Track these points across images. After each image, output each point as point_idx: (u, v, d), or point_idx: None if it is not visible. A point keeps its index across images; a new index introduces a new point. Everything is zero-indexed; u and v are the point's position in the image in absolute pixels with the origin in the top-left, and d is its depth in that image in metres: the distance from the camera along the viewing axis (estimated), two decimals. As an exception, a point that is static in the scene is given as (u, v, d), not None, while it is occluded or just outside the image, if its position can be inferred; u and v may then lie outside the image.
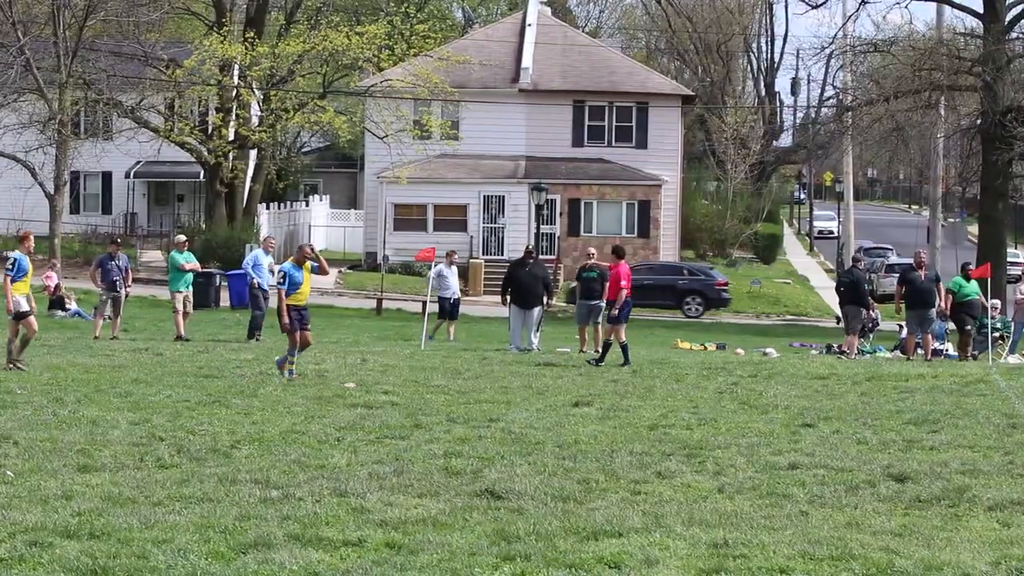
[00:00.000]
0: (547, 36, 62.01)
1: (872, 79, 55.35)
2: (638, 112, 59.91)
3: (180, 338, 28.09)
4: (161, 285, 51.01)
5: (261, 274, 29.32)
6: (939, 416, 17.56)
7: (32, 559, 9.04)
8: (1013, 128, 46.47)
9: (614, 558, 9.26)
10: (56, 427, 14.81)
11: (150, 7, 53.74)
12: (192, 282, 29.48)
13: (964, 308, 30.00)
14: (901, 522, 10.80)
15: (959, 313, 30.03)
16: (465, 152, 58.05)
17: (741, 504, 11.44)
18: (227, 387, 18.97)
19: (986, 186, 50.12)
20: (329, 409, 16.87)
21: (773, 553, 9.53)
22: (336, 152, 74.49)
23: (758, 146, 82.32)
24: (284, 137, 67.46)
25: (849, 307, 29.61)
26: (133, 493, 11.30)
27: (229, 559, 9.14)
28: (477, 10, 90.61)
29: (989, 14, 49.25)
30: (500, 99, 59.03)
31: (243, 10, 59.12)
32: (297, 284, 20.84)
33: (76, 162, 53.02)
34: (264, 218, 57.81)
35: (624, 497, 11.64)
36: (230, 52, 51.65)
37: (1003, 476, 13.06)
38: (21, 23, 48.25)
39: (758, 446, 14.72)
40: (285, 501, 11.06)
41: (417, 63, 54.93)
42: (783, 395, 19.96)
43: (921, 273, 29.14)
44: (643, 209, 58.02)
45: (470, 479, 12.23)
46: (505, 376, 21.50)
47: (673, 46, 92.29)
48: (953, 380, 22.56)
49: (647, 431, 15.82)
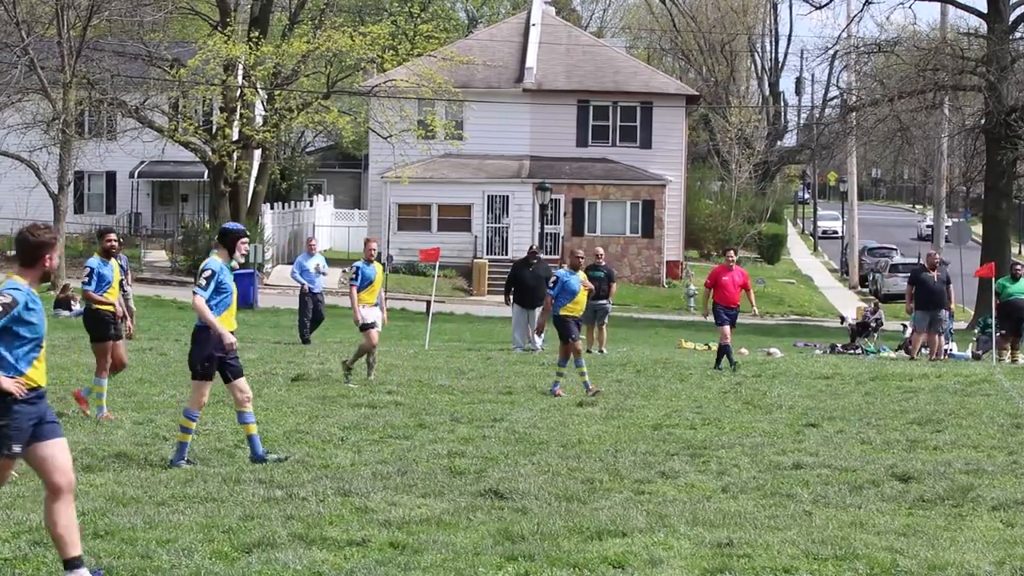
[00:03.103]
0: (551, 36, 61.99)
1: (876, 79, 55.32)
2: (642, 112, 59.88)
3: None
4: (164, 285, 51.16)
5: (310, 278, 29.05)
6: (943, 416, 17.55)
7: (36, 559, 9.04)
8: (1017, 128, 46.48)
9: (618, 558, 9.26)
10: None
11: (154, 7, 53.68)
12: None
13: (1009, 308, 29.58)
14: (905, 522, 10.79)
15: (1008, 313, 29.62)
16: (469, 152, 58.06)
17: (745, 504, 11.43)
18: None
19: (990, 186, 50.11)
20: (333, 409, 16.87)
21: (777, 553, 9.53)
22: (340, 152, 74.46)
23: (762, 146, 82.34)
24: (288, 137, 67.49)
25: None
26: (137, 493, 11.31)
27: (233, 559, 9.14)
28: (481, 10, 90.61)
29: (993, 14, 49.25)
30: (504, 99, 59.02)
31: (247, 10, 59.14)
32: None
33: (80, 162, 52.99)
34: (268, 218, 57.81)
35: (628, 497, 11.64)
36: (234, 52, 51.64)
37: (1007, 476, 13.05)
38: (25, 23, 48.22)
39: (762, 446, 14.72)
40: (289, 501, 11.07)
41: (421, 63, 54.93)
42: (787, 395, 19.96)
43: (933, 274, 29.00)
44: (647, 209, 57.99)
45: (474, 479, 12.23)
46: (509, 376, 21.50)
47: (677, 46, 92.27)
48: (957, 380, 22.55)
49: (651, 431, 15.82)
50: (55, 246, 8.47)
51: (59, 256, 9.49)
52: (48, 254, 8.43)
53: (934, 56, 50.30)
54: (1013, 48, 49.45)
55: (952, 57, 50.15)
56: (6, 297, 8.28)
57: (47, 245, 8.44)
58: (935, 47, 51.75)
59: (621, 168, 58.74)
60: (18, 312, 8.27)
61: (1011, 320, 29.58)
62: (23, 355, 8.35)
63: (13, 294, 8.30)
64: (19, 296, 8.30)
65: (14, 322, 8.29)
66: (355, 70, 57.33)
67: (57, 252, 8.52)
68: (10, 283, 8.42)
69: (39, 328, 8.41)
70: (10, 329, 8.29)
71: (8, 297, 8.28)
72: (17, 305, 8.27)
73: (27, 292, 8.35)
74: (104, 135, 58.64)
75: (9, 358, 8.31)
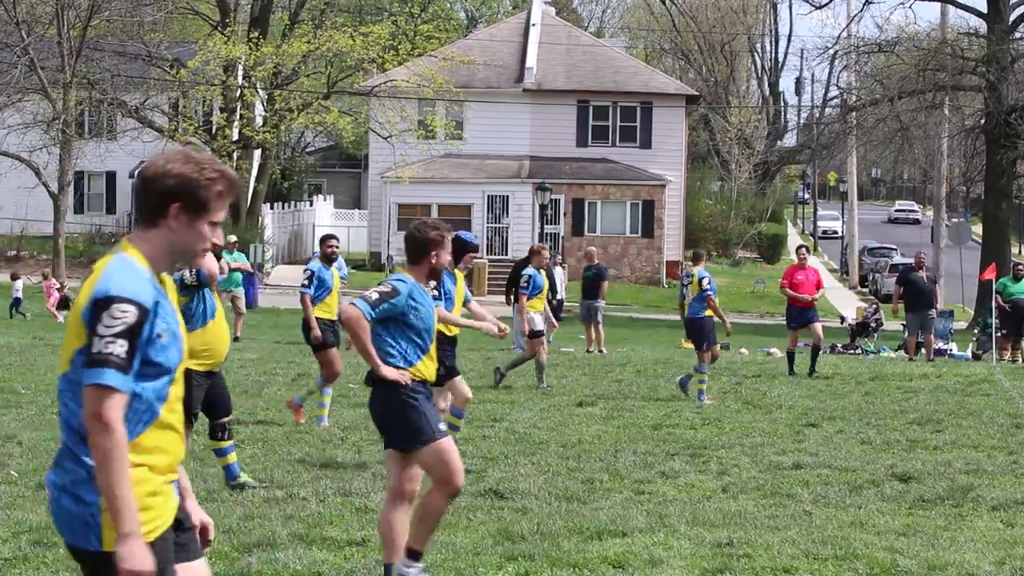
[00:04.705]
0: (551, 36, 62.00)
1: (876, 79, 55.30)
2: (642, 112, 59.90)
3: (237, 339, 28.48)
4: (165, 285, 51.17)
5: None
6: (943, 416, 17.56)
7: (36, 559, 9.04)
8: (1017, 127, 46.49)
9: (618, 558, 9.26)
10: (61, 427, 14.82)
11: (154, 7, 53.74)
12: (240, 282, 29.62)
13: (1012, 308, 29.55)
14: (905, 522, 10.79)
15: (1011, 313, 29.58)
16: (469, 152, 58.07)
17: (745, 504, 11.43)
18: (230, 387, 18.95)
19: (990, 186, 50.10)
20: (333, 409, 16.85)
21: (777, 553, 9.53)
22: (340, 152, 74.49)
23: (762, 146, 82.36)
24: (288, 137, 67.49)
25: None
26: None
27: (233, 559, 9.14)
28: (481, 10, 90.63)
29: (993, 14, 49.25)
30: (504, 99, 59.02)
31: (247, 10, 59.16)
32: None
33: (80, 162, 53.03)
34: (268, 218, 57.84)
35: (628, 497, 11.64)
36: (234, 52, 51.67)
37: (1007, 476, 13.05)
38: (25, 23, 48.26)
39: (762, 446, 14.72)
40: (289, 501, 11.07)
41: (421, 63, 54.95)
42: (787, 395, 19.96)
43: (922, 274, 29.06)
44: (647, 209, 58.00)
45: (474, 479, 12.22)
46: (509, 376, 21.49)
47: (677, 46, 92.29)
48: (957, 380, 22.56)
49: (651, 431, 15.83)
50: (443, 243, 8.45)
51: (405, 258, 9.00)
52: (435, 251, 8.42)
53: (934, 56, 50.29)
54: (1013, 48, 49.44)
55: (952, 57, 50.14)
56: (387, 286, 8.31)
57: (433, 242, 8.44)
58: (935, 47, 51.73)
59: (621, 168, 58.75)
60: (402, 305, 8.27)
61: (1013, 320, 29.59)
62: (414, 348, 8.38)
63: (396, 285, 8.32)
64: (402, 288, 8.31)
65: (400, 314, 8.30)
66: (355, 70, 57.36)
67: (446, 250, 8.50)
68: (396, 275, 8.48)
69: (426, 323, 8.41)
70: (396, 320, 8.30)
71: (388, 287, 8.31)
72: (398, 295, 8.26)
73: (412, 285, 8.35)
74: (104, 135, 58.66)
75: (395, 349, 8.34)
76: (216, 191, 4.70)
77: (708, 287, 19.60)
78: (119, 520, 4.45)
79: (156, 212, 4.68)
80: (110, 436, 4.46)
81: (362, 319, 8.21)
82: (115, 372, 4.48)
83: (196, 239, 4.71)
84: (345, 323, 8.28)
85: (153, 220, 4.70)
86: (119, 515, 4.45)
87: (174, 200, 4.65)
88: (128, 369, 4.52)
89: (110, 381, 4.47)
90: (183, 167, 4.67)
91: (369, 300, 8.25)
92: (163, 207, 4.67)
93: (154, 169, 4.69)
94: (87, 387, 4.50)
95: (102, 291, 4.54)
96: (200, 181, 4.67)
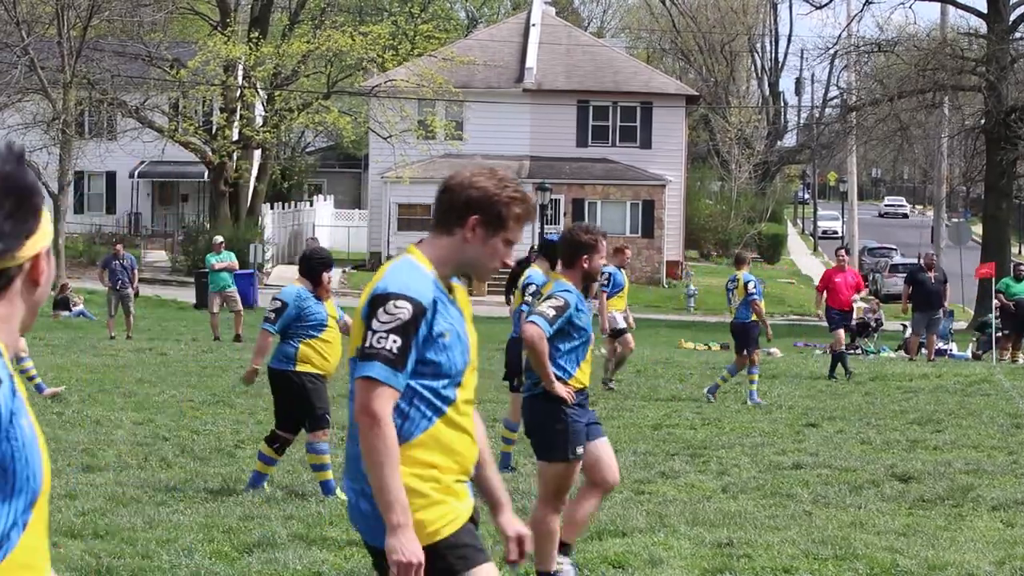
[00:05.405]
0: (551, 36, 61.99)
1: (876, 79, 55.32)
2: (642, 112, 59.89)
3: (218, 339, 28.56)
4: (165, 285, 51.15)
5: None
6: (943, 416, 17.56)
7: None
8: (1017, 128, 46.48)
9: (618, 558, 9.26)
10: (60, 427, 14.82)
11: (154, 7, 53.73)
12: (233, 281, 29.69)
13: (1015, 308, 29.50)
14: (905, 522, 10.79)
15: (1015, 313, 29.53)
16: (469, 152, 58.01)
17: (745, 504, 11.43)
18: (231, 387, 18.97)
19: (990, 186, 50.10)
20: (333, 409, 16.83)
21: (777, 553, 9.52)
22: (340, 152, 74.48)
23: (762, 146, 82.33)
24: (288, 137, 67.49)
25: None
26: (137, 493, 11.30)
27: (233, 559, 9.14)
28: (481, 10, 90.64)
29: (993, 14, 49.25)
30: (504, 99, 59.01)
31: (247, 10, 59.15)
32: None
33: (80, 162, 53.00)
34: (268, 218, 57.83)
35: (628, 497, 11.63)
36: (234, 52, 51.66)
37: (1007, 476, 13.05)
38: (25, 23, 48.25)
39: (762, 446, 14.72)
40: (289, 501, 11.06)
41: (421, 63, 54.95)
42: (787, 395, 19.96)
43: (930, 274, 28.99)
44: (647, 209, 58.00)
45: (474, 479, 12.21)
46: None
47: (677, 46, 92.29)
48: (957, 380, 22.56)
49: (651, 431, 15.82)
50: (596, 248, 8.42)
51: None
52: (587, 255, 8.39)
53: (934, 56, 50.30)
54: (1013, 48, 49.44)
55: (952, 57, 50.15)
56: (559, 299, 8.28)
57: (587, 246, 8.41)
58: (935, 47, 51.74)
59: (621, 168, 58.75)
60: (570, 314, 8.28)
61: (1014, 320, 29.60)
62: (573, 356, 8.38)
63: (565, 297, 8.31)
64: (570, 299, 8.31)
65: (567, 324, 8.30)
66: (355, 70, 57.35)
67: (600, 254, 8.47)
68: (558, 284, 8.42)
69: (588, 329, 8.43)
70: (562, 330, 8.30)
71: (561, 300, 8.29)
72: (569, 308, 8.27)
73: (577, 295, 8.36)
74: (104, 135, 58.63)
75: (561, 359, 8.34)
76: (516, 212, 4.76)
77: (754, 291, 19.44)
78: (387, 512, 4.50)
79: (454, 221, 4.74)
80: (377, 429, 4.52)
81: (544, 340, 8.20)
82: (383, 366, 4.54)
83: (487, 254, 4.76)
84: (527, 343, 8.26)
85: (449, 228, 4.76)
86: (386, 507, 4.50)
87: (474, 212, 4.72)
88: (399, 365, 4.57)
89: (378, 375, 4.54)
90: (488, 182, 4.76)
91: (547, 316, 8.23)
92: (462, 217, 4.73)
93: (460, 179, 4.79)
94: (357, 380, 4.59)
95: (380, 288, 4.63)
96: (502, 198, 4.74)
